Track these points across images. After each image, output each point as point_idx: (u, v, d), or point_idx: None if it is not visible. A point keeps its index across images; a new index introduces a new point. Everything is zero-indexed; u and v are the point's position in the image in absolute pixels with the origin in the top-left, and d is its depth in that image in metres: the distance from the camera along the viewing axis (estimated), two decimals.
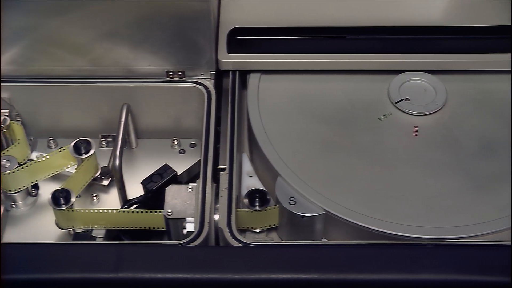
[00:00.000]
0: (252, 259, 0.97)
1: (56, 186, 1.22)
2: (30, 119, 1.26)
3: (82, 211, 1.13)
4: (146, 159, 1.27)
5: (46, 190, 1.22)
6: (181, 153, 1.28)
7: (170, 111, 1.27)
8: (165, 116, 1.27)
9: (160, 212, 1.10)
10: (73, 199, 1.11)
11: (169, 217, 1.08)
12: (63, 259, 0.97)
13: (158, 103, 1.25)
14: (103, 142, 1.29)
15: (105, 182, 1.23)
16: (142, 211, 1.11)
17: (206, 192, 1.09)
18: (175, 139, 1.29)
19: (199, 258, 0.96)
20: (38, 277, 0.93)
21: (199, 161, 1.28)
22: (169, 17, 1.16)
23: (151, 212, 1.11)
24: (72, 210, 1.12)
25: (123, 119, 1.20)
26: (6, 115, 1.20)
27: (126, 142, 1.27)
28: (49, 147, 1.28)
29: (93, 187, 1.23)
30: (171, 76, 1.23)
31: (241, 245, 1.03)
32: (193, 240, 1.03)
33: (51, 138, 1.28)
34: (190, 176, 1.27)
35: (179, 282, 0.95)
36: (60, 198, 1.11)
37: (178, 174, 1.20)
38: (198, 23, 1.16)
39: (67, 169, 1.21)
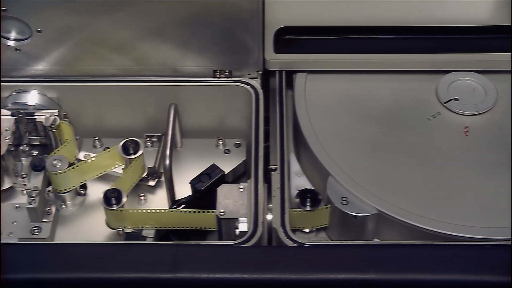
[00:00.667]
0: (309, 259, 0.97)
1: (103, 186, 1.23)
2: (75, 118, 1.26)
3: (133, 211, 1.13)
4: (191, 159, 1.27)
5: (94, 190, 1.23)
6: (226, 153, 1.29)
7: (215, 111, 1.27)
8: (210, 115, 1.28)
9: (213, 212, 1.11)
10: (124, 199, 1.12)
11: (222, 217, 1.08)
12: (121, 259, 0.97)
13: (204, 103, 1.26)
14: (148, 142, 1.29)
15: (152, 183, 1.23)
16: (193, 211, 1.11)
17: (259, 192, 1.09)
18: (220, 139, 1.29)
19: (257, 258, 0.96)
20: (100, 276, 0.95)
21: (245, 161, 1.30)
22: (218, 16, 1.16)
23: (202, 212, 1.11)
24: (121, 210, 1.12)
25: (171, 119, 1.20)
26: (56, 115, 1.20)
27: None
28: (95, 146, 1.29)
29: (139, 188, 1.23)
30: (217, 76, 1.24)
31: (296, 245, 1.04)
32: (247, 240, 1.04)
33: (97, 138, 1.28)
34: (235, 176, 1.27)
35: (238, 282, 0.95)
36: (111, 198, 1.12)
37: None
38: (247, 22, 1.16)
39: (114, 170, 1.22)
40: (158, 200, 1.23)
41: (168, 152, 1.15)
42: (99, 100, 1.26)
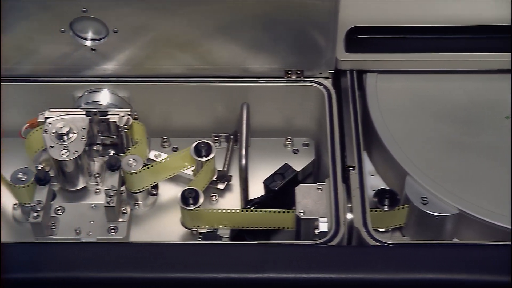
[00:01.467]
0: (397, 258, 0.97)
1: (173, 186, 1.23)
2: (144, 118, 1.26)
3: (210, 211, 1.13)
4: (260, 159, 1.27)
5: (164, 190, 1.23)
6: (294, 152, 1.28)
7: (284, 111, 1.27)
8: (278, 115, 1.28)
9: (291, 211, 1.11)
10: (201, 199, 1.12)
11: (302, 216, 1.08)
12: (209, 259, 0.97)
13: (274, 102, 1.26)
14: (215, 141, 1.30)
15: (221, 186, 1.23)
16: (272, 211, 1.12)
17: (338, 191, 1.10)
18: (288, 138, 1.29)
19: (344, 258, 0.97)
20: (189, 276, 0.95)
21: (313, 160, 1.30)
22: (293, 16, 1.16)
23: (280, 212, 1.11)
24: (196, 210, 1.12)
25: (244, 119, 1.20)
26: (129, 114, 1.20)
27: (237, 142, 1.28)
28: (163, 146, 1.29)
29: (209, 189, 1.22)
30: (289, 76, 1.24)
31: (379, 244, 1.04)
32: (330, 240, 1.04)
33: (165, 138, 1.29)
34: (304, 176, 1.27)
35: (326, 282, 0.95)
36: (189, 198, 1.12)
37: None
38: (322, 23, 1.16)
39: (185, 171, 1.22)
40: (228, 200, 1.23)
41: (244, 152, 1.15)
42: (168, 100, 1.26)
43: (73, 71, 1.23)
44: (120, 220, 1.15)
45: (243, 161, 1.14)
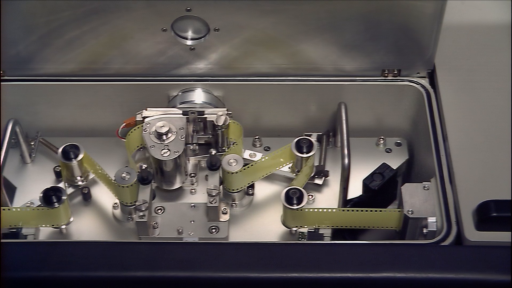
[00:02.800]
0: None
1: (267, 185, 1.23)
2: (236, 117, 1.25)
3: (313, 210, 1.12)
4: (353, 158, 1.23)
5: (259, 189, 1.23)
6: (387, 152, 1.28)
7: (378, 110, 1.27)
8: (371, 114, 1.27)
9: (397, 211, 1.10)
10: (305, 199, 1.12)
11: (410, 216, 1.08)
12: (330, 259, 0.97)
13: (369, 102, 1.25)
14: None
15: (319, 182, 1.23)
16: (377, 211, 1.11)
17: (446, 190, 1.09)
18: (381, 137, 1.29)
19: (465, 258, 0.96)
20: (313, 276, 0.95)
21: (407, 160, 1.29)
22: (397, 16, 1.15)
23: (386, 211, 1.10)
24: (300, 210, 1.12)
25: (343, 118, 1.19)
26: (227, 114, 1.20)
27: (330, 141, 1.27)
28: (254, 145, 1.28)
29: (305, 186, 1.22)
30: (385, 75, 1.24)
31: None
32: (442, 240, 1.03)
33: (257, 137, 1.29)
34: (398, 175, 1.27)
35: (449, 282, 0.95)
36: (293, 198, 1.12)
37: None
38: (425, 23, 1.15)
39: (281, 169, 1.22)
40: (325, 199, 1.23)
41: (346, 151, 1.14)
42: (260, 99, 1.26)
43: (168, 70, 1.23)
44: (220, 220, 1.17)
45: (346, 160, 1.13)
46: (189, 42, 1.19)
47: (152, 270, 0.96)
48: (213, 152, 1.16)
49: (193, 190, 1.22)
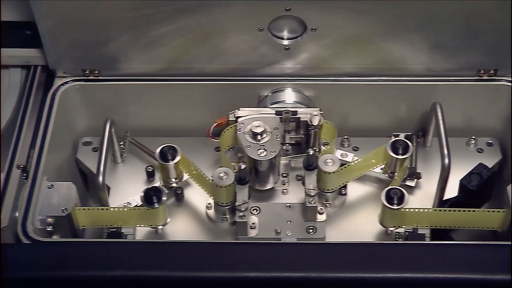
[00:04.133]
0: None
1: (359, 185, 1.22)
2: (325, 117, 1.21)
3: (415, 210, 1.11)
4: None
5: (351, 190, 1.22)
6: (479, 152, 1.26)
7: (469, 109, 1.25)
8: (462, 114, 1.26)
9: (503, 211, 1.09)
10: (406, 199, 1.11)
11: None
12: (427, 258, 0.97)
13: (461, 101, 1.24)
14: None
15: (411, 183, 1.22)
16: (480, 211, 1.10)
17: None
18: (472, 137, 1.27)
19: None
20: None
21: (501, 160, 1.28)
22: (496, 16, 1.14)
23: (490, 211, 1.09)
24: (401, 209, 1.11)
25: (440, 118, 1.17)
26: (321, 113, 1.19)
27: (418, 141, 1.26)
28: (342, 145, 1.27)
29: None
30: (481, 75, 1.22)
31: None
32: None
33: (345, 137, 1.28)
34: None
35: None
36: (394, 198, 1.11)
37: None
38: None
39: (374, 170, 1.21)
40: (417, 200, 1.21)
41: (446, 151, 1.13)
42: (349, 99, 1.25)
43: (259, 70, 1.23)
44: (317, 220, 1.16)
45: (446, 160, 1.12)
46: (285, 42, 1.19)
47: (263, 271, 0.95)
48: (311, 152, 1.16)
49: (285, 190, 1.22)
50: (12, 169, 1.10)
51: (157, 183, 1.22)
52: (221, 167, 1.16)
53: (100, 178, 1.12)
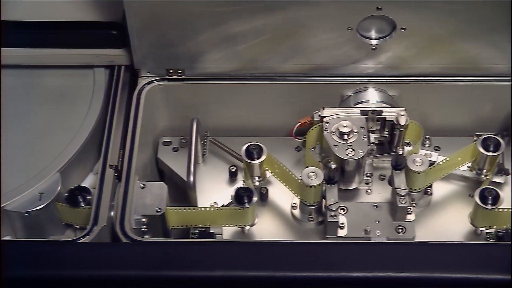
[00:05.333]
0: None
1: (444, 184, 1.21)
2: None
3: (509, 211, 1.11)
4: None
5: (437, 189, 1.21)
6: None
7: None
8: None
9: None
10: (501, 199, 1.10)
11: None
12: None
13: None
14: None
15: (500, 180, 1.20)
16: None
17: None
18: None
19: None
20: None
21: None
22: None
23: None
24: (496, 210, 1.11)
25: None
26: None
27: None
28: (424, 145, 1.26)
29: None
30: None
31: None
32: None
33: (427, 137, 1.26)
34: None
35: None
36: (488, 197, 1.10)
37: None
38: None
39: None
40: (506, 197, 1.19)
41: None
42: (432, 98, 1.24)
43: (343, 69, 1.23)
44: (406, 219, 1.15)
45: None
46: (373, 42, 1.18)
47: (366, 270, 0.96)
48: (400, 152, 1.16)
49: (369, 190, 1.21)
50: (106, 169, 1.11)
51: (240, 182, 1.24)
52: (307, 166, 1.16)
53: (191, 178, 1.12)
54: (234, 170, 1.24)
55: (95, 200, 1.08)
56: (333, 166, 1.14)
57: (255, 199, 1.12)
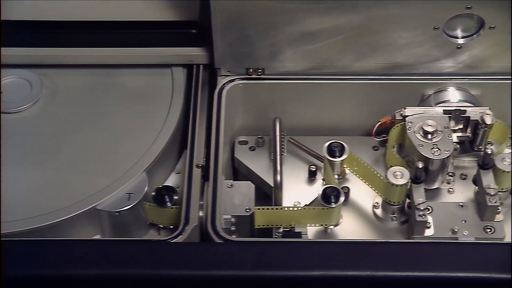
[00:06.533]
0: None
1: None
2: None
3: None
4: None
5: None
6: None
7: None
8: None
9: None
10: None
11: None
12: None
13: None
14: None
15: None
16: None
17: None
18: None
19: None
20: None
21: None
22: None
23: None
24: None
25: None
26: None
27: None
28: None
29: None
30: None
31: None
32: None
33: (510, 136, 1.25)
34: None
35: None
36: None
37: None
38: None
39: None
40: None
41: None
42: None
43: (423, 68, 1.21)
44: (495, 220, 1.14)
45: None
46: (460, 41, 1.17)
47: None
48: (489, 151, 1.15)
49: (451, 189, 1.20)
50: (192, 168, 1.10)
51: (319, 182, 1.23)
52: (390, 166, 1.15)
53: (278, 178, 1.11)
54: (314, 169, 1.23)
55: (185, 200, 1.07)
56: (421, 165, 1.13)
57: (342, 198, 1.11)
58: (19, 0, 1.28)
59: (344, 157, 1.17)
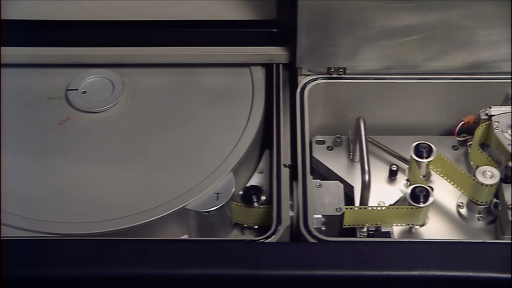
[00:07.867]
0: None
1: None
2: None
3: None
4: None
5: None
6: None
7: None
8: None
9: None
10: None
11: None
12: None
13: None
14: None
15: None
16: None
17: None
18: None
19: None
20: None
21: None
22: None
23: None
24: None
25: None
26: None
27: None
28: None
29: None
30: None
31: None
32: None
33: None
34: None
35: None
36: None
37: None
38: None
39: None
40: None
41: None
42: None
43: (507, 67, 1.19)
44: None
45: None
46: None
47: None
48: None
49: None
50: (280, 168, 1.10)
51: (401, 181, 1.22)
52: (477, 165, 1.14)
53: (367, 177, 1.10)
54: (395, 169, 1.22)
55: (275, 200, 1.07)
56: (511, 164, 1.12)
57: (431, 198, 1.10)
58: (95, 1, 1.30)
59: (431, 158, 1.16)
